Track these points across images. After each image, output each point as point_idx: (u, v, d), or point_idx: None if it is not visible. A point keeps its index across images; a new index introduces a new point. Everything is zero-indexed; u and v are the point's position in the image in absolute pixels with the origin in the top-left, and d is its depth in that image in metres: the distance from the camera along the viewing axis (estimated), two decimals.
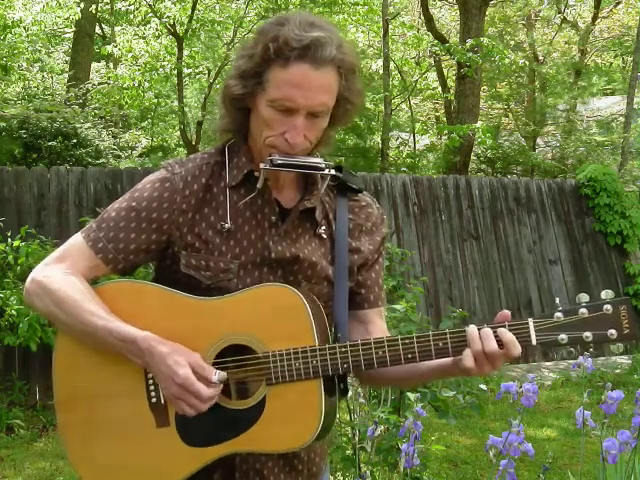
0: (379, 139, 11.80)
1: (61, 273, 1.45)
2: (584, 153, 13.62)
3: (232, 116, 1.52)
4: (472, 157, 13.44)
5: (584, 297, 1.41)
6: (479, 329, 1.38)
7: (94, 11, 12.14)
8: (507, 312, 1.41)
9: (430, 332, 1.41)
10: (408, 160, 13.43)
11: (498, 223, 8.40)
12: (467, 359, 1.37)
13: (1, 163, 7.97)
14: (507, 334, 1.37)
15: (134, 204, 1.48)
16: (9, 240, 5.64)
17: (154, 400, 1.44)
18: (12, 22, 12.12)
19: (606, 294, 1.40)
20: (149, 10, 12.31)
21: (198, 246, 1.48)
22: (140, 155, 13.25)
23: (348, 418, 3.50)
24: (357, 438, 3.15)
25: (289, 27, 1.39)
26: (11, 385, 5.82)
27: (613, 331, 1.38)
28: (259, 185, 1.47)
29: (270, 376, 1.40)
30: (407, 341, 1.41)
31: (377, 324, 1.61)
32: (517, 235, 8.46)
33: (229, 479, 1.49)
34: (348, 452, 3.34)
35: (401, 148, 14.48)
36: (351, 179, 1.59)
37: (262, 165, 1.43)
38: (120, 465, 1.46)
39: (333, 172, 1.51)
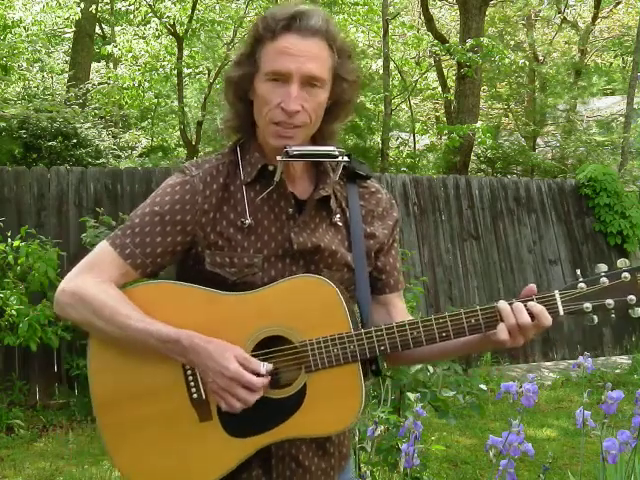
0: (379, 139, 11.80)
1: (92, 282, 1.48)
2: (584, 153, 13.61)
3: (235, 110, 1.57)
4: (472, 157, 13.43)
5: (603, 267, 1.49)
6: (510, 304, 1.46)
7: (94, 11, 12.13)
8: (533, 286, 1.50)
9: (462, 310, 1.49)
10: (408, 160, 13.42)
11: (498, 223, 8.40)
12: (502, 333, 1.44)
13: (1, 163, 7.97)
14: (537, 306, 1.45)
15: (157, 208, 1.52)
16: (9, 240, 5.64)
17: (195, 395, 1.47)
18: (12, 22, 12.12)
19: (623, 263, 1.49)
20: (149, 10, 12.31)
21: (221, 244, 1.52)
22: (140, 155, 13.24)
23: None
24: (357, 438, 3.15)
25: (274, 8, 1.50)
26: (11, 385, 5.82)
27: (632, 297, 1.47)
28: (276, 178, 1.51)
29: (309, 364, 1.46)
30: (441, 320, 1.48)
31: (398, 306, 1.68)
32: (517, 235, 8.46)
33: (266, 466, 1.54)
34: None
35: (401, 148, 14.47)
36: (359, 166, 1.63)
37: (279, 157, 1.47)
38: (166, 462, 1.50)
39: (346, 159, 1.54)
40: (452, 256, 8.01)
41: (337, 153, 1.52)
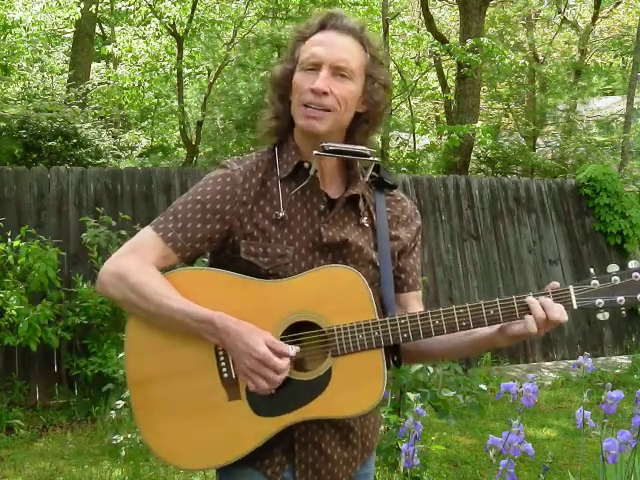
0: (379, 139, 11.80)
1: (135, 263, 1.58)
2: (584, 153, 13.60)
3: (275, 109, 1.69)
4: (472, 157, 13.42)
5: (614, 267, 1.59)
6: (535, 297, 1.56)
7: (94, 11, 12.13)
8: (556, 283, 1.60)
9: (482, 302, 1.57)
10: (408, 160, 13.42)
11: (498, 223, 8.40)
12: (532, 324, 1.53)
13: (1, 163, 7.97)
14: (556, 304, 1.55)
15: (199, 197, 1.63)
16: (9, 240, 5.64)
17: (226, 375, 1.56)
18: (12, 22, 12.12)
19: (634, 264, 1.59)
20: (149, 10, 12.31)
21: (256, 235, 1.62)
22: (140, 155, 13.24)
23: None
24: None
25: (311, 18, 1.67)
26: (11, 385, 5.82)
27: None
28: (312, 172, 1.63)
29: (335, 348, 1.55)
30: (461, 310, 1.57)
31: (415, 307, 1.76)
32: (517, 235, 8.46)
33: (289, 452, 1.61)
34: None
35: (401, 148, 14.46)
36: (387, 175, 1.76)
37: (315, 152, 1.59)
38: (195, 437, 1.57)
39: (377, 159, 1.67)
40: (452, 256, 8.01)
41: (369, 153, 1.64)
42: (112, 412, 4.95)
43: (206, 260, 1.76)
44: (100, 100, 11.84)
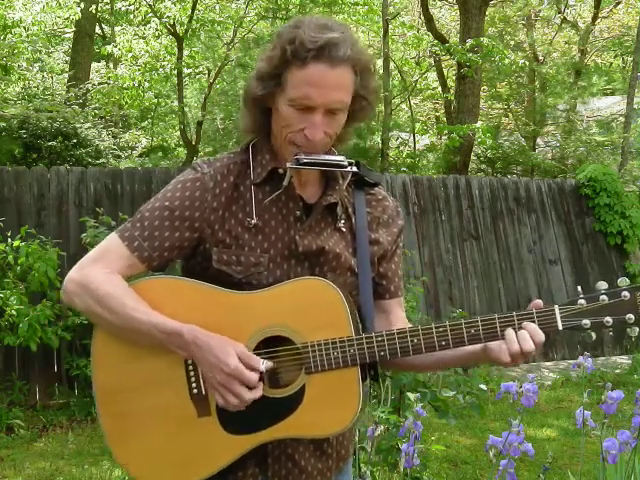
0: (379, 139, 11.79)
1: (99, 272, 1.51)
2: (584, 153, 13.60)
3: (253, 116, 1.60)
4: (472, 157, 13.42)
5: (603, 285, 1.52)
6: (511, 322, 1.48)
7: (94, 11, 12.12)
8: (540, 302, 1.52)
9: (462, 320, 1.50)
10: (408, 160, 13.41)
11: (498, 223, 8.40)
12: (504, 355, 1.48)
13: (1, 163, 7.97)
14: (530, 325, 1.48)
15: (167, 204, 1.55)
16: (9, 240, 5.64)
17: (195, 391, 1.50)
18: (12, 22, 12.12)
19: (624, 282, 1.51)
20: (149, 10, 12.30)
21: (229, 242, 1.55)
22: (140, 155, 13.24)
23: None
24: (357, 438, 3.15)
25: (304, 29, 1.47)
26: (11, 385, 5.82)
27: (631, 315, 1.49)
28: (285, 183, 1.54)
29: (309, 365, 1.48)
30: (441, 329, 1.49)
31: (398, 314, 1.70)
32: (517, 235, 8.46)
33: (262, 465, 1.56)
34: None
35: (401, 148, 14.46)
36: (368, 173, 1.66)
37: (288, 164, 1.52)
38: (162, 455, 1.52)
39: (355, 169, 1.58)
40: (452, 256, 8.01)
41: (346, 163, 1.55)
42: None
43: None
44: (100, 100, 11.84)
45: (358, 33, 14.32)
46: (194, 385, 1.50)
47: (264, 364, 1.44)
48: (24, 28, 12.24)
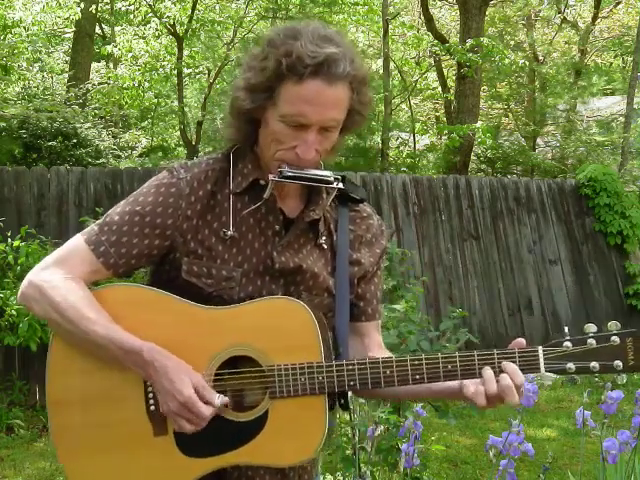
0: (379, 139, 11.80)
1: (61, 277, 1.42)
2: (584, 153, 13.60)
3: (239, 127, 1.51)
4: (472, 157, 13.42)
5: (592, 327, 1.43)
6: (491, 362, 1.40)
7: (94, 11, 12.12)
8: (522, 341, 1.44)
9: (439, 354, 1.42)
10: (408, 160, 13.42)
11: (498, 223, 8.40)
12: (480, 398, 1.40)
13: (1, 163, 7.97)
14: (510, 365, 1.40)
15: (138, 208, 1.46)
16: (9, 240, 5.64)
17: (152, 408, 1.42)
18: (12, 22, 12.12)
19: (614, 326, 1.43)
20: (149, 10, 12.31)
21: (201, 253, 1.46)
22: (140, 155, 13.23)
23: (348, 418, 3.49)
24: (357, 438, 3.15)
25: (302, 42, 1.37)
26: (11, 385, 5.82)
27: (619, 362, 1.41)
28: (266, 195, 1.46)
29: (274, 389, 1.40)
30: (416, 362, 1.41)
31: (374, 338, 1.62)
32: (517, 235, 8.46)
33: None
34: (348, 452, 3.33)
35: (401, 148, 14.47)
36: (353, 189, 1.58)
37: (271, 177, 1.43)
38: (113, 473, 1.44)
39: (341, 185, 1.49)
40: (452, 256, 8.01)
41: (332, 179, 1.47)
42: None
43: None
44: (100, 100, 11.84)
45: (358, 33, 14.33)
46: (151, 402, 1.42)
47: (219, 399, 1.36)
48: (24, 28, 12.24)
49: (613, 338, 1.40)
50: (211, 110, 13.01)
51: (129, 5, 12.90)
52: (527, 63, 13.28)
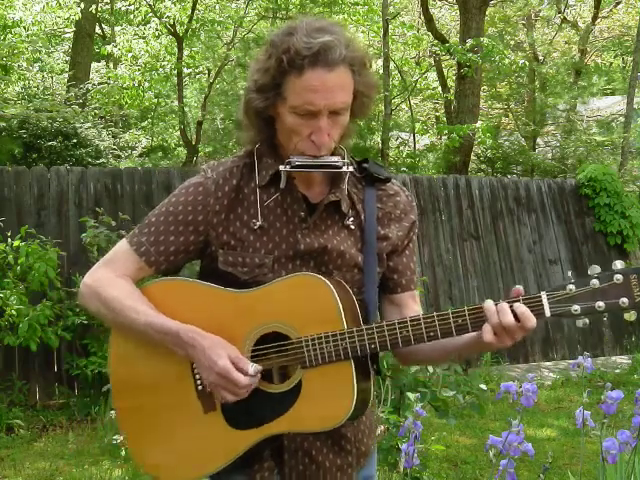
0: (379, 139, 11.80)
1: (108, 276, 1.60)
2: (584, 153, 13.59)
3: (258, 127, 1.62)
4: (472, 157, 13.42)
5: (596, 268, 1.45)
6: (496, 304, 1.46)
7: (94, 11, 12.12)
8: (520, 288, 1.49)
9: (450, 310, 1.51)
10: (408, 160, 13.42)
11: (498, 223, 8.40)
12: (487, 333, 1.45)
13: (1, 163, 7.96)
14: (521, 307, 1.44)
15: (171, 209, 1.61)
16: (9, 240, 5.64)
17: (200, 388, 1.56)
18: (12, 22, 12.12)
19: (618, 264, 1.44)
20: (149, 10, 12.30)
21: (234, 244, 1.59)
22: (140, 155, 13.23)
23: None
24: None
25: (297, 37, 1.48)
26: (11, 385, 5.82)
27: (625, 299, 1.41)
28: (282, 185, 1.58)
29: (304, 360, 1.51)
30: (428, 320, 1.50)
31: (411, 307, 1.71)
32: (517, 235, 8.46)
33: (278, 460, 1.59)
34: None
35: (401, 148, 14.46)
36: (377, 170, 1.69)
37: (282, 168, 1.56)
38: (175, 450, 1.58)
39: (351, 169, 1.59)
40: (452, 256, 8.01)
41: (340, 164, 1.56)
42: (112, 412, 4.95)
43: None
44: (100, 100, 11.83)
45: (358, 33, 14.31)
46: (199, 382, 1.56)
47: (252, 367, 1.48)
48: (24, 28, 12.25)
49: (616, 276, 1.41)
50: (211, 110, 13.00)
51: (129, 5, 12.88)
52: (527, 63, 13.26)
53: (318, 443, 1.59)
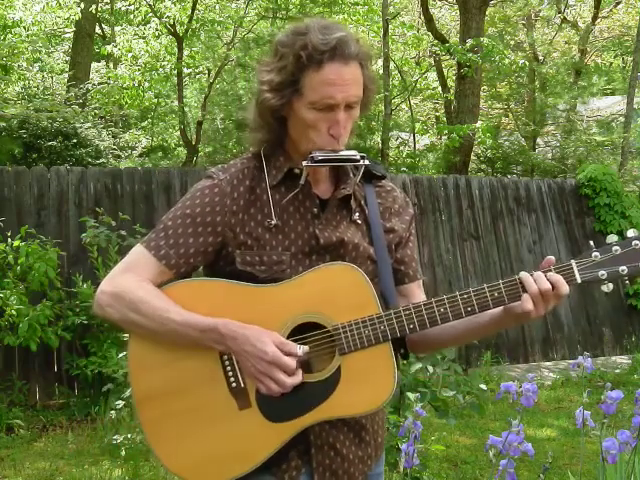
0: (379, 139, 11.80)
1: (130, 280, 1.57)
2: (584, 153, 13.59)
3: (270, 127, 1.64)
4: (472, 157, 13.42)
5: (614, 237, 1.58)
6: (531, 274, 1.55)
7: (94, 11, 12.12)
8: (552, 258, 1.59)
9: (485, 285, 1.56)
10: (408, 160, 13.41)
11: (498, 223, 8.40)
12: (526, 302, 1.52)
13: (1, 163, 7.97)
14: (554, 275, 1.54)
15: (188, 211, 1.61)
16: (9, 240, 5.64)
17: (234, 385, 1.54)
18: (12, 22, 12.12)
19: (634, 232, 1.58)
20: (149, 10, 12.31)
21: (250, 244, 1.61)
22: (140, 155, 13.23)
23: None
24: None
25: (312, 34, 1.53)
26: (11, 385, 5.82)
27: None
28: (302, 181, 1.61)
29: (342, 346, 1.53)
30: (465, 296, 1.56)
31: (418, 296, 1.76)
32: (517, 235, 8.46)
33: (305, 456, 1.60)
34: None
35: (401, 148, 14.46)
36: (375, 167, 1.73)
37: (304, 163, 1.57)
38: (208, 452, 1.56)
39: (367, 162, 1.62)
40: (452, 256, 8.01)
41: (359, 157, 1.60)
42: (112, 412, 4.96)
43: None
44: (100, 100, 11.84)
45: (358, 33, 14.31)
46: (232, 379, 1.54)
47: (301, 349, 1.48)
48: (24, 28, 12.25)
49: (634, 242, 1.56)
50: (211, 110, 13.00)
51: (129, 5, 12.89)
52: (527, 63, 13.26)
53: (341, 436, 1.62)
